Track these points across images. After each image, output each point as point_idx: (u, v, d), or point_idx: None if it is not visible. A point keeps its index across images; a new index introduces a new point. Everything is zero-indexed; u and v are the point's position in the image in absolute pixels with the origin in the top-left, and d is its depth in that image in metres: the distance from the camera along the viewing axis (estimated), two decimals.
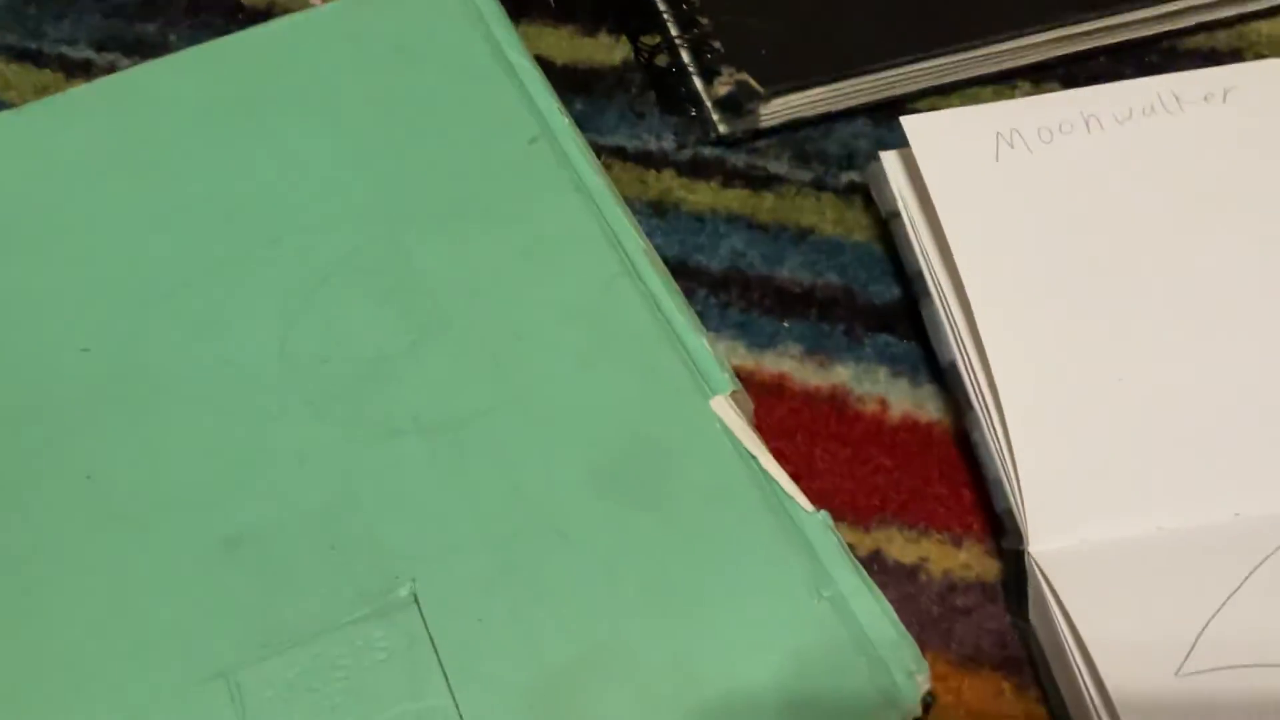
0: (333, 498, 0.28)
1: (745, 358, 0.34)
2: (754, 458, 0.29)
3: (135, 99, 0.37)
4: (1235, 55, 0.38)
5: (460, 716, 0.25)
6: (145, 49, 0.42)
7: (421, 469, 0.29)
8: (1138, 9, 0.37)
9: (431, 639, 0.26)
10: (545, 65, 0.40)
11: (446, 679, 0.26)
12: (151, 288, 0.32)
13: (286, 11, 0.42)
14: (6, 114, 0.37)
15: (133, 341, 0.31)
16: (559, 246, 0.32)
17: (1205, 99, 0.32)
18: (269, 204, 0.34)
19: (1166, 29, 0.39)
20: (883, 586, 0.28)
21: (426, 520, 0.28)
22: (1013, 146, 0.31)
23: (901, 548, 0.30)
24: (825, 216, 0.36)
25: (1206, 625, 0.26)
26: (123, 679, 0.26)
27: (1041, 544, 0.27)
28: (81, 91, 0.38)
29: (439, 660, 0.26)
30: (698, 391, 0.29)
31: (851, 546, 0.30)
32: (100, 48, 0.43)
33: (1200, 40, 0.39)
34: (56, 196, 0.35)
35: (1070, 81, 0.38)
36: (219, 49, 0.38)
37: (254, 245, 0.33)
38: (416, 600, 0.27)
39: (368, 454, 0.29)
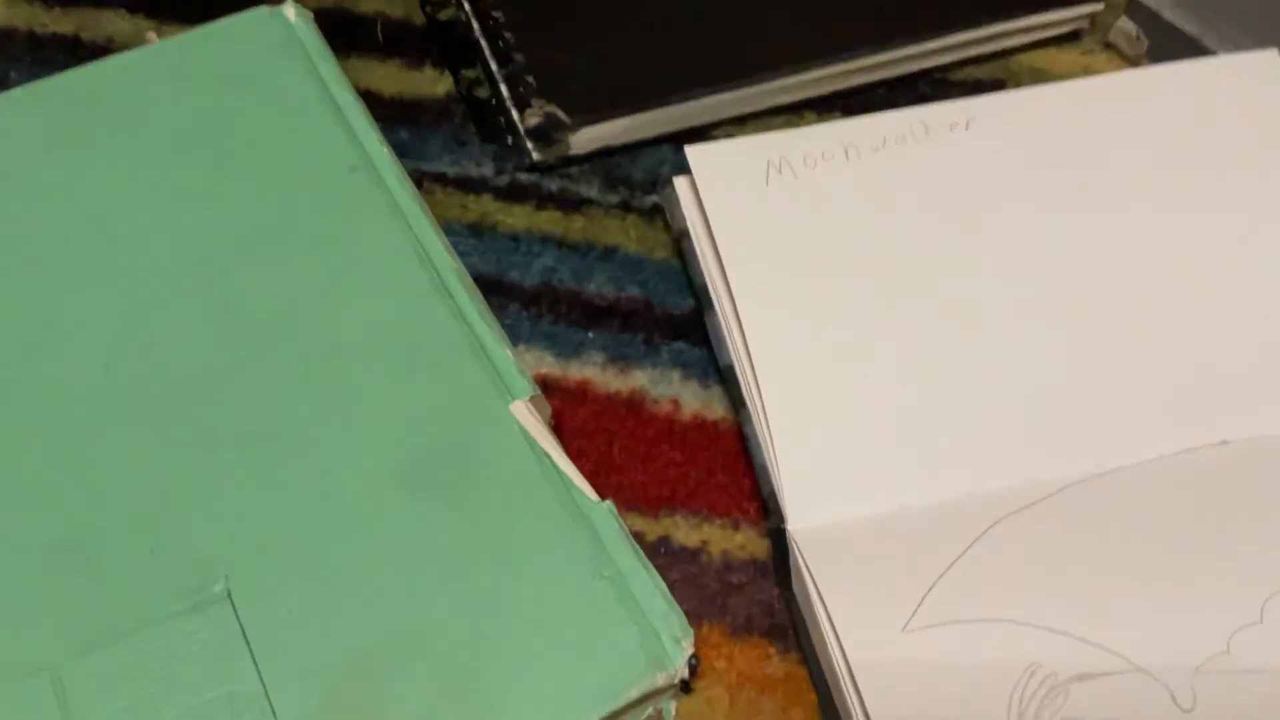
0: (153, 504, 0.31)
1: (553, 366, 0.37)
2: (548, 456, 0.32)
3: None
4: (998, 84, 0.43)
5: (268, 699, 0.28)
6: None
7: (238, 476, 0.31)
8: (907, 46, 0.42)
9: (243, 629, 0.29)
10: (372, 97, 0.43)
11: (256, 665, 0.28)
12: None
13: (124, 48, 0.44)
14: None
15: None
16: (374, 267, 0.35)
17: (950, 128, 0.36)
18: (98, 231, 0.36)
19: (936, 63, 0.43)
20: (668, 568, 0.32)
21: (242, 522, 0.30)
22: (780, 173, 0.35)
23: (686, 533, 0.33)
24: (630, 236, 0.40)
25: (931, 588, 0.29)
26: None
27: (798, 522, 0.31)
28: None
29: (250, 649, 0.28)
30: (499, 397, 0.32)
31: (641, 533, 0.33)
32: None
33: (968, 72, 0.44)
34: None
35: (850, 112, 0.42)
36: (55, 85, 0.40)
37: (82, 269, 0.35)
38: (230, 595, 0.29)
39: (187, 463, 0.31)
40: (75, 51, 0.45)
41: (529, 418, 0.32)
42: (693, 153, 0.36)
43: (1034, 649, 0.28)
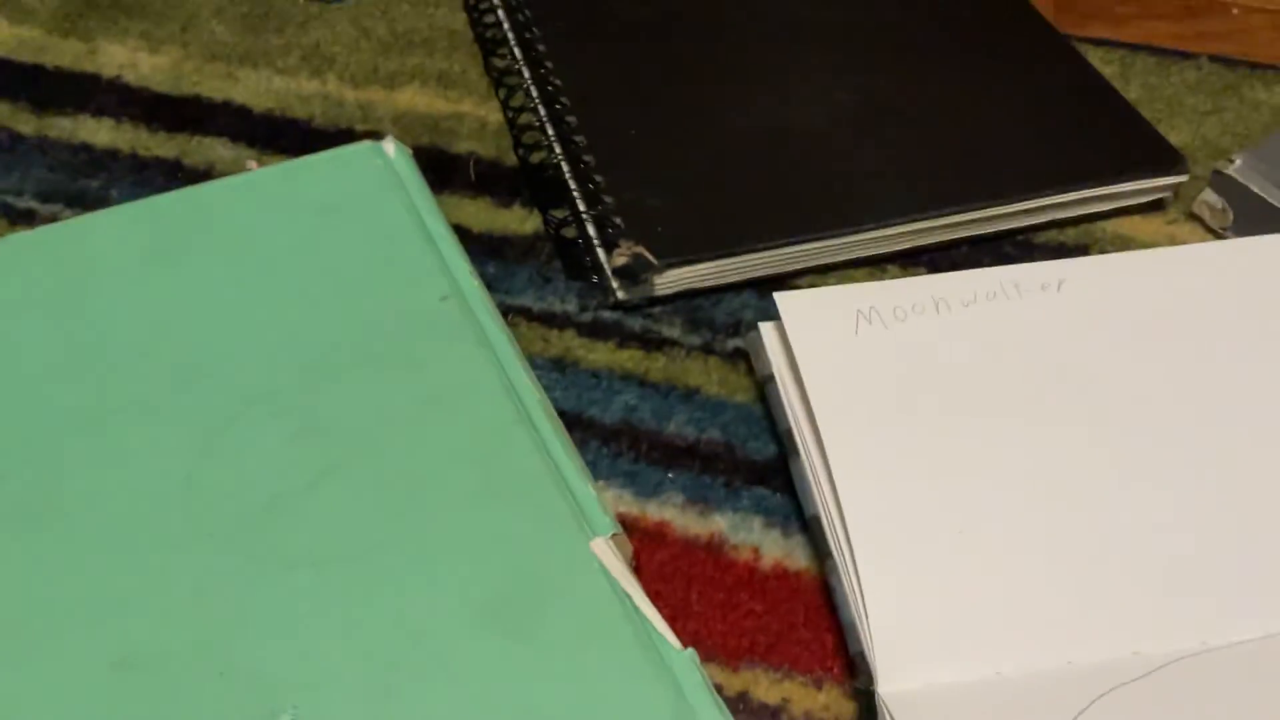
0: (224, 626, 0.30)
1: (631, 505, 0.36)
2: (629, 597, 0.31)
3: (70, 245, 0.39)
4: (1082, 249, 0.43)
5: None
6: (88, 203, 0.45)
7: (311, 600, 0.30)
8: (993, 206, 0.42)
9: None
10: (463, 232, 0.43)
11: None
12: (66, 419, 0.34)
13: (225, 175, 0.45)
14: None
15: (41, 469, 0.33)
16: (460, 395, 0.35)
17: (1042, 288, 0.36)
18: (189, 347, 0.36)
19: (1020, 225, 0.43)
20: None
21: (313, 649, 0.29)
22: (870, 323, 0.35)
23: (767, 689, 0.32)
24: (711, 378, 0.39)
25: None
26: None
27: (890, 684, 0.30)
28: (17, 237, 0.40)
29: None
30: (580, 533, 0.32)
31: (720, 686, 0.32)
32: (45, 199, 0.45)
33: (1052, 235, 0.44)
34: None
35: (935, 267, 0.42)
36: (154, 204, 0.41)
37: (170, 384, 0.35)
38: None
39: (261, 585, 0.30)
40: (176, 175, 0.46)
41: (610, 556, 0.31)
42: (782, 300, 0.36)
43: None
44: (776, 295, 0.36)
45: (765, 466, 0.37)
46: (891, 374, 0.34)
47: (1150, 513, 0.32)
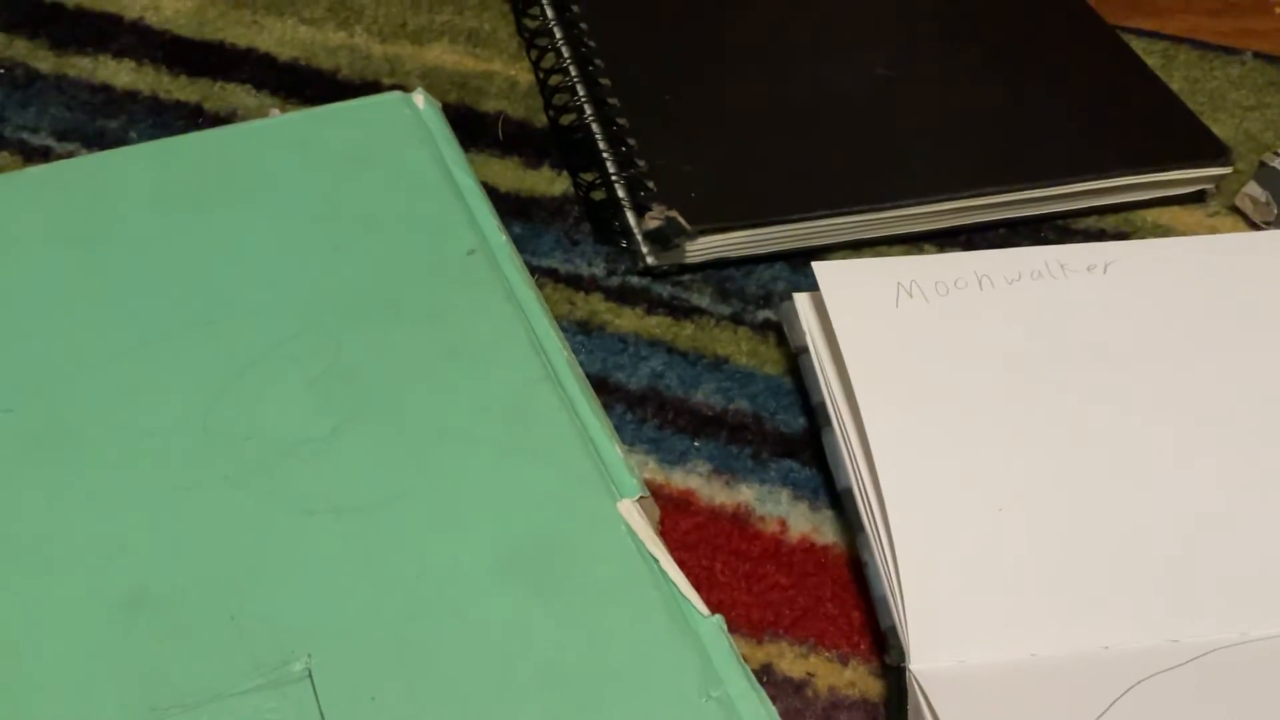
0: (239, 569, 0.29)
1: (656, 472, 0.35)
2: (655, 560, 0.30)
3: (89, 181, 0.38)
4: (1122, 238, 0.42)
5: None
6: (106, 143, 0.44)
7: (329, 548, 0.29)
8: (1033, 188, 0.41)
9: (321, 714, 0.26)
10: (490, 191, 0.42)
11: None
12: (82, 357, 0.33)
13: (247, 119, 0.44)
14: None
15: (57, 406, 0.32)
16: (486, 349, 0.34)
17: (1088, 269, 0.35)
18: (208, 289, 0.35)
19: (1060, 209, 0.42)
20: (771, 698, 0.29)
21: (329, 598, 0.28)
22: (911, 296, 0.34)
23: (791, 662, 0.31)
24: (740, 349, 0.38)
25: None
26: None
27: (922, 662, 0.29)
28: (35, 171, 0.39)
29: None
30: (606, 493, 0.31)
31: (744, 658, 0.31)
32: (61, 137, 0.44)
33: (1091, 222, 0.43)
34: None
35: (972, 247, 0.42)
36: (176, 144, 0.40)
37: (188, 325, 0.34)
38: (310, 675, 0.27)
39: (278, 530, 0.29)
40: (196, 120, 0.45)
41: (637, 518, 0.30)
42: (821, 269, 0.35)
43: None
44: (815, 265, 0.35)
45: (794, 439, 0.36)
46: (932, 348, 0.33)
47: (1192, 500, 0.31)
